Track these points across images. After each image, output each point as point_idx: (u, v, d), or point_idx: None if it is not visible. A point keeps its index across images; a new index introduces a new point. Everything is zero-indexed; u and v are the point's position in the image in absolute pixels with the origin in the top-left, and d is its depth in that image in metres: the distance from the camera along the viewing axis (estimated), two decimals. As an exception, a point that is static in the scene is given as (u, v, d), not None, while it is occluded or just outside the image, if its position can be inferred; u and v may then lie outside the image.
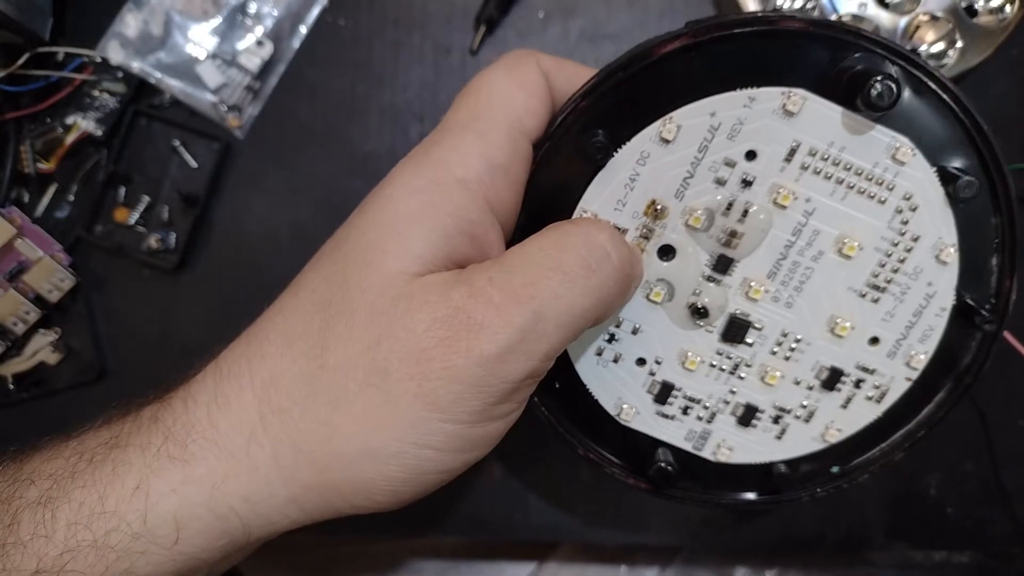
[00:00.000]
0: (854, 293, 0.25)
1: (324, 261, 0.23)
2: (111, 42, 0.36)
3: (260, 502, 0.22)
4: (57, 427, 0.24)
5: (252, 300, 0.25)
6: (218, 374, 0.23)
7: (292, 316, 0.23)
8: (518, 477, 0.38)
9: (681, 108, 0.23)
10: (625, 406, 0.27)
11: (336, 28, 0.38)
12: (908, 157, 0.23)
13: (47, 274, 0.36)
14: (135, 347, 0.38)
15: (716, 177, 0.24)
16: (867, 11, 0.35)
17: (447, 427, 0.21)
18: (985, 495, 0.38)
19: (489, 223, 0.22)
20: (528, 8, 0.37)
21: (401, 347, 0.20)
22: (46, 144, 0.37)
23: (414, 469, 0.21)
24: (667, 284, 0.25)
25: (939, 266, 0.25)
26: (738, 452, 0.27)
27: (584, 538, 0.39)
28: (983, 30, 0.35)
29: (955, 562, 0.41)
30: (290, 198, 0.38)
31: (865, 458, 0.28)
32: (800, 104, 0.23)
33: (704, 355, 0.26)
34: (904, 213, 0.24)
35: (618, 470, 0.27)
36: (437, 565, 0.43)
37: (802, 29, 0.23)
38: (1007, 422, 0.38)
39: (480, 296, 0.20)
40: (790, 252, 0.25)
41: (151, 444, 0.22)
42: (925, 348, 0.26)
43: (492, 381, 0.20)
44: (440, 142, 0.23)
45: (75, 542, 0.21)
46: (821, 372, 0.26)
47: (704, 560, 0.43)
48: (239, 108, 0.37)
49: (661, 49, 0.23)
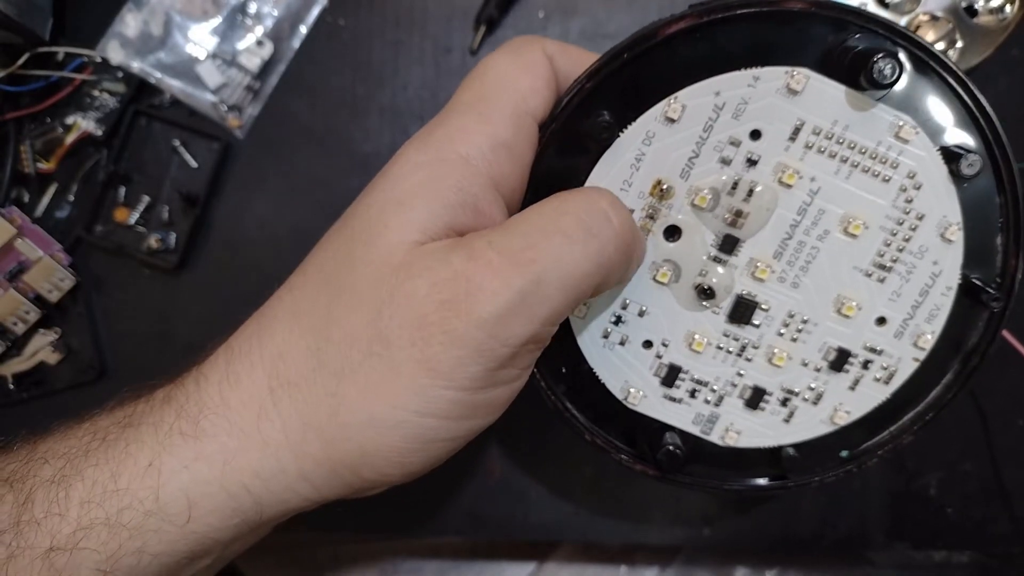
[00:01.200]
0: (860, 272, 0.25)
1: (331, 239, 0.24)
2: (111, 42, 0.36)
3: (271, 478, 0.22)
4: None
5: (252, 300, 0.25)
6: (229, 354, 0.23)
7: (299, 293, 0.23)
8: (518, 476, 0.38)
9: (686, 88, 0.23)
10: (632, 390, 0.26)
11: (336, 28, 0.38)
12: (911, 135, 0.24)
13: (47, 274, 0.36)
14: (135, 347, 0.38)
15: (721, 156, 0.24)
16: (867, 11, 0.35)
17: (449, 394, 0.21)
18: (985, 495, 0.38)
19: (492, 198, 0.22)
20: (528, 8, 0.37)
21: (402, 314, 0.20)
22: (46, 144, 0.37)
23: (418, 438, 0.21)
24: (673, 265, 0.25)
25: (944, 245, 0.25)
26: (746, 436, 0.27)
27: (584, 538, 0.39)
28: (983, 30, 0.35)
29: (955, 562, 0.41)
30: (290, 198, 0.38)
31: (874, 441, 0.27)
32: (804, 83, 0.23)
33: (711, 337, 0.26)
34: (908, 192, 0.24)
35: (626, 456, 0.27)
36: (437, 565, 0.43)
37: (805, 9, 0.23)
38: (1007, 422, 0.38)
39: (479, 259, 0.20)
40: (796, 232, 0.25)
41: (163, 422, 0.22)
42: (932, 328, 0.26)
43: (492, 344, 0.20)
44: (445, 122, 0.23)
45: (88, 520, 0.21)
46: (829, 353, 0.26)
47: (704, 560, 0.43)
48: (239, 108, 0.37)
49: (666, 30, 0.23)
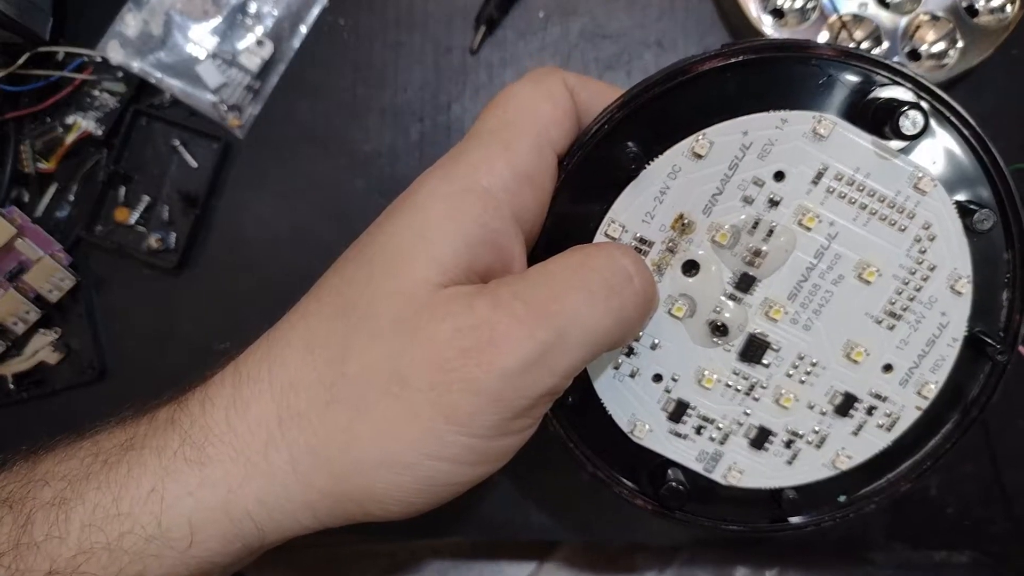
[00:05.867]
0: (871, 319, 0.25)
1: (349, 265, 0.23)
2: (111, 42, 0.36)
3: (276, 507, 0.22)
4: (57, 427, 0.24)
5: (252, 300, 0.25)
6: (237, 377, 0.23)
7: (314, 321, 0.23)
8: (519, 477, 0.38)
9: (715, 125, 0.23)
10: (639, 423, 0.26)
11: (336, 28, 0.38)
12: (929, 187, 0.24)
13: (47, 274, 0.36)
14: (135, 347, 0.38)
15: (744, 195, 0.24)
16: (867, 11, 0.35)
17: (463, 440, 0.21)
18: (985, 495, 0.38)
19: (512, 233, 0.23)
20: (528, 8, 0.37)
21: (422, 357, 0.20)
22: (46, 144, 0.37)
23: (429, 480, 0.21)
24: (689, 299, 0.25)
25: (954, 296, 0.25)
26: (748, 476, 0.27)
27: (584, 538, 0.39)
28: (983, 30, 0.35)
29: (955, 562, 0.41)
30: (290, 198, 0.38)
31: (872, 487, 0.27)
32: (830, 129, 0.23)
33: (721, 374, 0.26)
34: (923, 242, 0.25)
35: (626, 490, 0.27)
36: (437, 565, 0.43)
37: (834, 57, 0.23)
38: (1007, 422, 0.38)
39: (504, 308, 0.20)
40: (811, 274, 0.25)
41: (167, 447, 0.22)
42: (936, 377, 0.26)
43: (511, 396, 0.20)
44: (468, 151, 0.23)
45: (89, 544, 0.21)
46: (835, 397, 0.26)
47: (704, 560, 0.43)
48: (239, 108, 0.37)
49: (699, 67, 0.23)
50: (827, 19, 0.35)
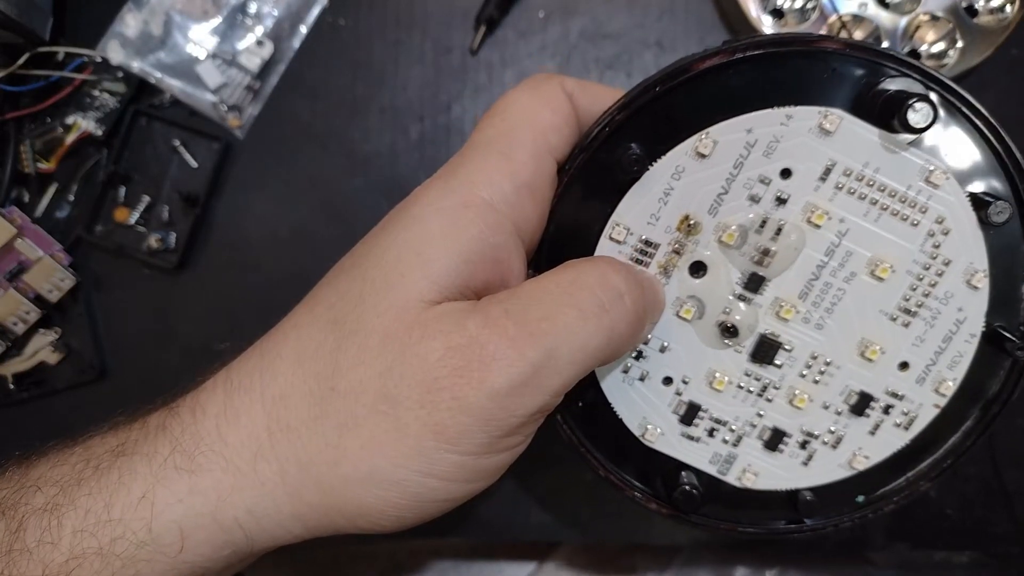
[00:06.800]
0: (885, 316, 0.25)
1: (343, 277, 0.23)
2: (111, 42, 0.36)
3: (265, 516, 0.22)
4: (57, 427, 0.24)
5: (252, 300, 0.25)
6: (228, 386, 0.23)
7: (305, 333, 0.22)
8: (519, 477, 0.38)
9: (718, 124, 0.23)
10: (650, 426, 0.26)
11: (336, 28, 0.38)
12: (941, 180, 0.23)
13: (47, 274, 0.36)
14: (135, 347, 0.38)
15: (750, 194, 0.24)
16: (867, 11, 0.35)
17: (453, 457, 0.21)
18: (985, 496, 0.38)
19: (512, 246, 0.22)
20: (528, 8, 0.37)
21: (412, 375, 0.20)
22: (46, 144, 0.37)
23: (418, 497, 0.21)
24: (698, 301, 0.25)
25: (970, 291, 0.25)
26: (764, 478, 0.26)
27: (584, 538, 0.39)
28: (983, 30, 0.35)
29: (955, 562, 0.41)
30: (290, 198, 0.38)
31: (891, 487, 0.27)
32: (837, 124, 0.23)
33: (732, 375, 0.25)
34: (936, 236, 0.24)
35: (639, 494, 0.27)
36: (437, 565, 0.43)
37: (839, 50, 0.23)
38: (1007, 422, 0.38)
39: (495, 327, 0.20)
40: (822, 273, 0.24)
41: (158, 454, 0.22)
42: (954, 375, 0.25)
43: (501, 415, 0.20)
44: (466, 162, 0.23)
45: (81, 549, 0.21)
46: (850, 397, 0.26)
47: (704, 560, 0.43)
48: (239, 108, 0.37)
49: (699, 65, 0.23)
50: (827, 19, 0.35)
